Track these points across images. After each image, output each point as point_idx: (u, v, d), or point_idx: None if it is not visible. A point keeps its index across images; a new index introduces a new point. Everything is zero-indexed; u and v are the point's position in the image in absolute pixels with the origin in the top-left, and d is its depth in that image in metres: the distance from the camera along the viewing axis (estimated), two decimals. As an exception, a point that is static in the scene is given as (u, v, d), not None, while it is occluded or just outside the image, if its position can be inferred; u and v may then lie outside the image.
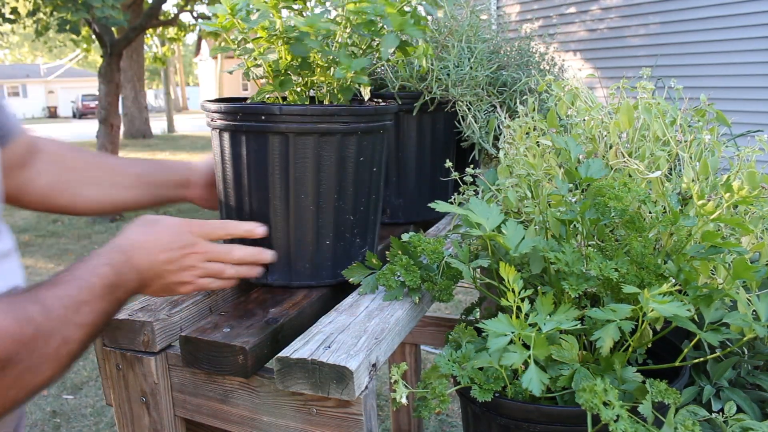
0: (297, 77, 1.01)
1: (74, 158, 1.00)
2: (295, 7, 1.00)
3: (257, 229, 0.91)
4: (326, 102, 1.02)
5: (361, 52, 1.04)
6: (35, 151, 0.96)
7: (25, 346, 0.61)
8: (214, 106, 0.95)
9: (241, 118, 0.91)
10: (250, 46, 0.99)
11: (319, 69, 0.99)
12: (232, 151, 0.94)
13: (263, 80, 1.03)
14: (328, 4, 1.01)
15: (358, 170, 0.96)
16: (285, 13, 0.99)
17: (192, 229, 0.85)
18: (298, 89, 1.02)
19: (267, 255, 0.93)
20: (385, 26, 0.96)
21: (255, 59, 0.99)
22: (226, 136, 0.94)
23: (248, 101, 1.02)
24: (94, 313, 0.70)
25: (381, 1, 0.94)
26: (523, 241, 0.80)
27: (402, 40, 0.99)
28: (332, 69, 0.98)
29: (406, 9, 0.98)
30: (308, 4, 1.04)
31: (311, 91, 1.04)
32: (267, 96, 1.02)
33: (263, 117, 0.90)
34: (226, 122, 0.93)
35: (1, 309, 0.61)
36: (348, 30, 0.99)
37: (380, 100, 1.12)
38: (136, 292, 0.80)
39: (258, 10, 0.94)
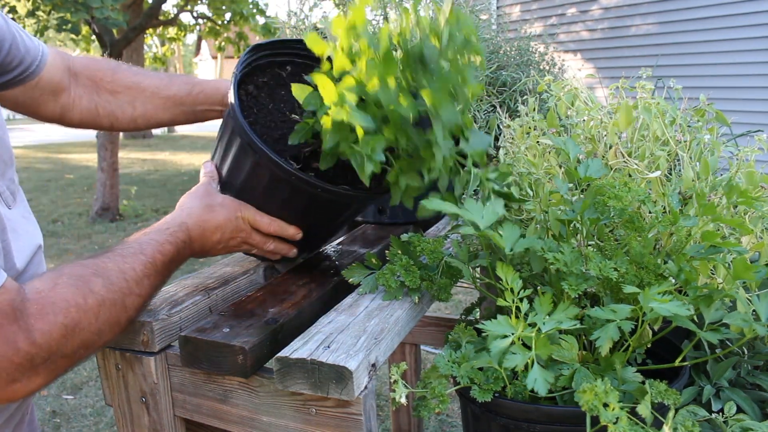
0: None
1: (112, 81, 1.05)
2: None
3: (297, 235, 0.98)
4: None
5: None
6: (73, 74, 1.02)
7: (89, 314, 0.69)
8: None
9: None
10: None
11: None
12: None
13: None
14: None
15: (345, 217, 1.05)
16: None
17: (244, 215, 0.93)
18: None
19: (292, 252, 1.00)
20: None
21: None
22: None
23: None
24: (152, 286, 0.79)
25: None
26: (519, 241, 0.80)
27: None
28: None
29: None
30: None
31: None
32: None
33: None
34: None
35: (66, 282, 0.69)
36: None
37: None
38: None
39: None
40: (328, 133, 0.81)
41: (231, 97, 0.91)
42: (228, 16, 8.52)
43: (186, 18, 9.92)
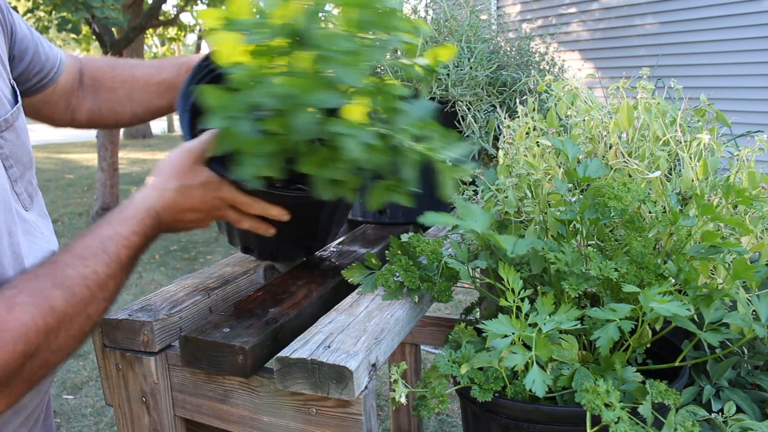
0: None
1: (111, 78, 1.05)
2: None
3: (284, 218, 0.91)
4: None
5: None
6: (82, 75, 1.04)
7: (49, 336, 0.64)
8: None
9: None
10: None
11: None
12: None
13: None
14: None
15: (332, 218, 1.04)
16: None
17: (224, 195, 0.85)
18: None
19: (270, 232, 0.93)
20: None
21: None
22: None
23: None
24: (118, 284, 0.74)
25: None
26: (520, 242, 0.80)
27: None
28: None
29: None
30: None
31: None
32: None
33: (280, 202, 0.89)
34: None
35: (24, 302, 0.64)
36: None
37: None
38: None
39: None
40: (224, 141, 0.75)
41: (178, 110, 0.90)
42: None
43: (186, 18, 9.92)
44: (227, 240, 1.10)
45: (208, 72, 0.96)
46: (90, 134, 14.36)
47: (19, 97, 0.83)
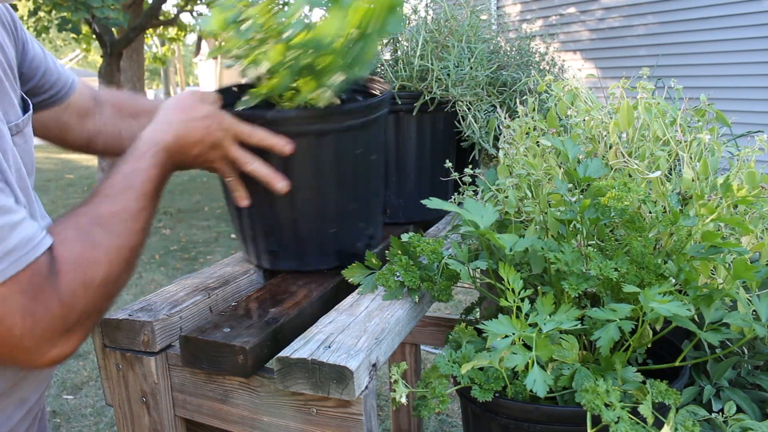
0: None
1: (133, 105, 1.10)
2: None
3: (285, 147, 0.91)
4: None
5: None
6: (100, 103, 1.08)
7: (99, 267, 0.71)
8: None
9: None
10: (237, 51, 0.97)
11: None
12: None
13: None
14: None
15: (357, 162, 1.00)
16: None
17: (224, 125, 0.89)
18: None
19: (281, 183, 0.93)
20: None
21: (254, 62, 0.97)
22: None
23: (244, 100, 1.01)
24: (149, 215, 0.80)
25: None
26: (520, 240, 0.80)
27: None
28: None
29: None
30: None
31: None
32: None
33: (260, 123, 0.91)
34: None
35: (72, 237, 0.71)
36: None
37: (377, 89, 1.13)
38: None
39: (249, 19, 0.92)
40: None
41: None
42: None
43: (186, 18, 9.92)
44: (249, 255, 1.08)
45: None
46: (90, 134, 14.33)
47: (30, 107, 0.86)
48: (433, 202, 0.86)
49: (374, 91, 1.12)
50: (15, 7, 6.56)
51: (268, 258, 1.05)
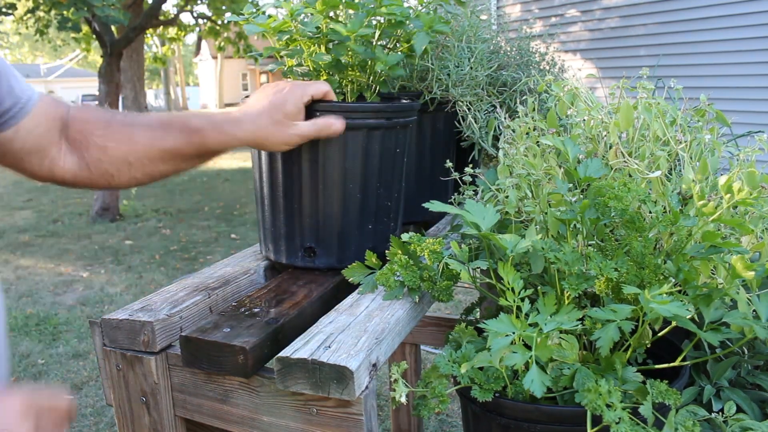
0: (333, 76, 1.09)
1: (103, 136, 0.90)
2: (337, 14, 1.11)
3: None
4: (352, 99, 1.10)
5: (389, 50, 1.15)
6: (65, 126, 0.90)
7: None
8: None
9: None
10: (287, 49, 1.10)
11: (351, 68, 1.08)
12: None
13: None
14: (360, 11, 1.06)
15: (395, 161, 1.07)
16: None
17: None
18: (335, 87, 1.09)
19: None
20: (414, 26, 1.08)
21: (302, 60, 1.09)
22: None
23: None
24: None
25: (408, 5, 1.08)
26: (521, 241, 0.80)
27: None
28: (368, 67, 1.08)
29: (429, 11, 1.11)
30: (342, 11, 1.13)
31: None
32: None
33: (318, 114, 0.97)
34: None
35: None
36: (379, 32, 1.08)
37: (405, 98, 1.20)
38: None
39: (311, 14, 1.05)
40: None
41: None
42: (228, 15, 8.52)
43: (186, 18, 9.92)
44: (277, 254, 1.08)
45: None
46: (90, 134, 14.30)
47: None
48: (434, 205, 0.87)
49: (404, 99, 1.19)
50: (14, 6, 6.54)
51: (302, 256, 1.06)
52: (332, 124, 0.96)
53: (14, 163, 0.87)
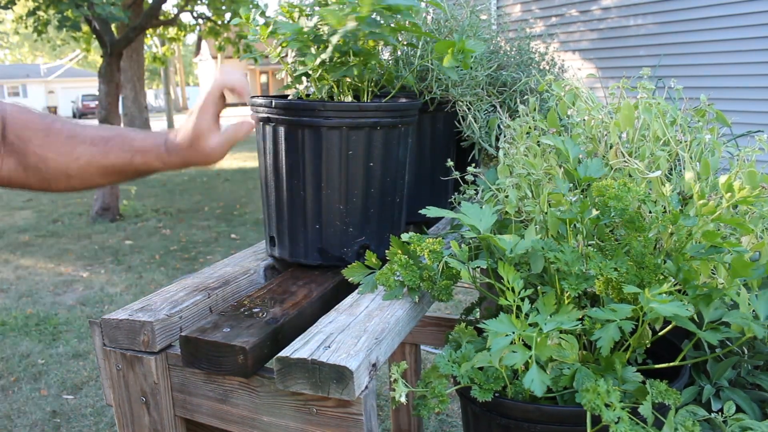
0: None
1: (42, 146, 0.89)
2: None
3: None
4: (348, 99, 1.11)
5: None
6: (1, 126, 0.87)
7: None
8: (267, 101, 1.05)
9: (300, 114, 1.00)
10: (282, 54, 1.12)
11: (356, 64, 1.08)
12: (288, 143, 1.03)
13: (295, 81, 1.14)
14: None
15: (398, 159, 1.09)
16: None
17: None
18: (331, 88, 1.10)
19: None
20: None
21: (304, 61, 1.08)
22: (281, 129, 1.03)
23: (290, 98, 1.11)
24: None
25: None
26: (520, 242, 0.80)
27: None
28: (368, 66, 1.08)
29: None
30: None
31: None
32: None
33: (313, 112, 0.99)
34: (287, 117, 1.02)
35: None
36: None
37: (403, 98, 1.21)
38: None
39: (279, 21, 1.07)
40: None
41: None
42: (228, 16, 8.53)
43: (186, 18, 9.92)
44: (292, 254, 1.10)
45: None
46: (90, 134, 14.30)
47: None
48: (431, 211, 0.88)
49: (402, 99, 1.20)
50: (13, 2, 6.51)
51: (315, 253, 1.08)
52: (240, 128, 0.94)
53: None
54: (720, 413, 0.81)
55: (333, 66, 1.05)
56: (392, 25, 1.04)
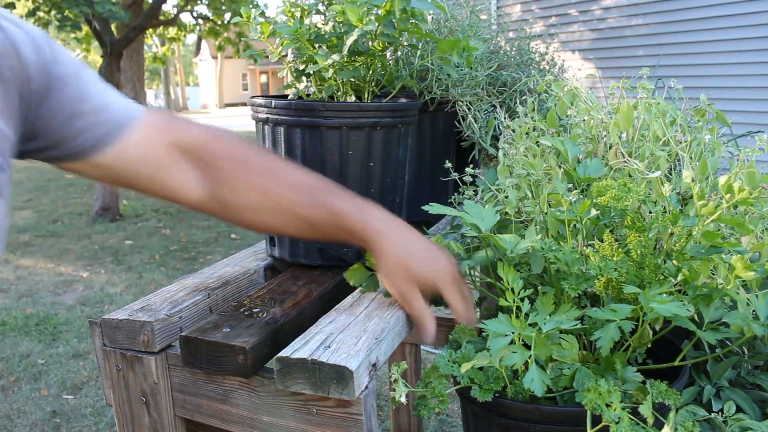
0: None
1: (242, 181, 0.83)
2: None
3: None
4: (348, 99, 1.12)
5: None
6: (185, 151, 0.81)
7: None
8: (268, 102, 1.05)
9: (300, 114, 1.01)
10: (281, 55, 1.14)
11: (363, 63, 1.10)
12: (288, 142, 1.04)
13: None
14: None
15: (398, 158, 1.10)
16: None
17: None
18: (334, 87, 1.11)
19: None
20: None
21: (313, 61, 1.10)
22: (281, 129, 1.03)
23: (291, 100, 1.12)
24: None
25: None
26: (521, 242, 0.80)
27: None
28: (372, 65, 1.09)
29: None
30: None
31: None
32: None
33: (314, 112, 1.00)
34: (292, 118, 1.02)
35: None
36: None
37: (403, 98, 1.22)
38: None
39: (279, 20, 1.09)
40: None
41: None
42: (228, 16, 8.53)
43: (186, 18, 9.92)
44: (299, 256, 1.09)
45: None
46: (90, 134, 14.30)
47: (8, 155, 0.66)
48: (433, 208, 0.88)
49: (402, 99, 1.21)
50: (13, 6, 6.51)
51: (315, 253, 1.08)
52: (427, 328, 0.86)
53: (130, 185, 0.81)
54: (720, 413, 0.81)
55: (342, 66, 1.05)
56: (409, 27, 1.05)
